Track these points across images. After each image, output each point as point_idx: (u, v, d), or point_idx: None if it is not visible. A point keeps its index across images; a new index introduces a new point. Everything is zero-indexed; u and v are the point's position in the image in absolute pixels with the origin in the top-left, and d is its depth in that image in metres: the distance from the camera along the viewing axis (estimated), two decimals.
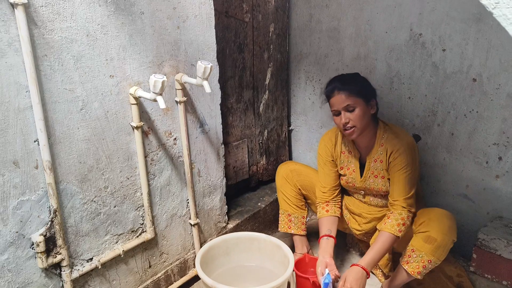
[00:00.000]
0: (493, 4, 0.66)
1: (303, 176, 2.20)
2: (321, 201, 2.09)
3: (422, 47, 2.07)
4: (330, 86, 1.87)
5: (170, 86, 1.78)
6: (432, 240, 1.74)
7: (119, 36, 1.55)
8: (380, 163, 1.92)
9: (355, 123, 1.81)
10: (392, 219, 1.83)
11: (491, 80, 1.90)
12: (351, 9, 2.28)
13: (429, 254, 1.75)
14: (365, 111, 1.82)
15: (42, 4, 1.32)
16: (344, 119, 1.82)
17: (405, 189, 1.83)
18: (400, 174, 1.84)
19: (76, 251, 1.60)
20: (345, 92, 1.80)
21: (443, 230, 1.75)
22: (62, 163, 1.48)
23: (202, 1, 1.82)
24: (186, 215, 2.01)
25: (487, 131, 1.97)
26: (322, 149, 2.09)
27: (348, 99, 1.80)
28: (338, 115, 1.85)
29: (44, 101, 1.38)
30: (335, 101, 1.83)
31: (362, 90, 1.83)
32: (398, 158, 1.84)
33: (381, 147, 1.90)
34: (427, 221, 1.79)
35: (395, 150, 1.85)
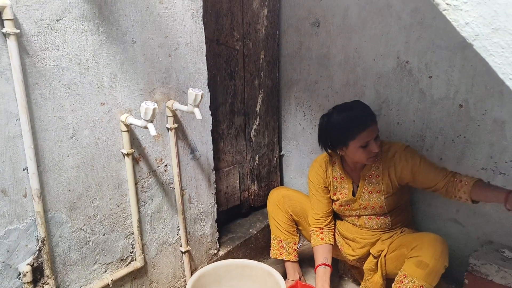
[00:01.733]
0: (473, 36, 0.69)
1: (295, 202, 2.19)
2: (315, 228, 2.07)
3: (409, 74, 2.11)
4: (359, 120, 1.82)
5: (161, 113, 1.79)
6: (424, 265, 1.73)
7: (110, 65, 1.57)
8: (376, 178, 1.93)
9: (379, 149, 1.85)
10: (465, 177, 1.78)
11: (477, 106, 1.94)
12: (339, 38, 2.34)
13: (421, 280, 1.73)
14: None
15: (34, 33, 1.34)
16: (376, 148, 1.82)
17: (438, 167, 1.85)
18: (422, 163, 1.85)
19: (63, 281, 1.57)
20: (375, 123, 1.83)
21: (435, 255, 1.74)
22: (51, 191, 1.47)
23: (193, 29, 1.85)
24: (177, 242, 1.99)
25: (475, 156, 1.99)
26: (314, 177, 2.08)
27: (376, 128, 1.83)
28: (366, 147, 1.82)
29: (34, 129, 1.38)
30: (369, 132, 1.81)
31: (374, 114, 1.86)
32: (409, 159, 1.86)
33: (375, 163, 1.92)
34: (419, 245, 1.78)
35: (401, 157, 1.88)
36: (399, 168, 1.89)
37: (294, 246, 2.19)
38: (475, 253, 1.91)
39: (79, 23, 1.45)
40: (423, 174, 1.86)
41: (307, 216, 2.14)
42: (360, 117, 1.82)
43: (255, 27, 2.40)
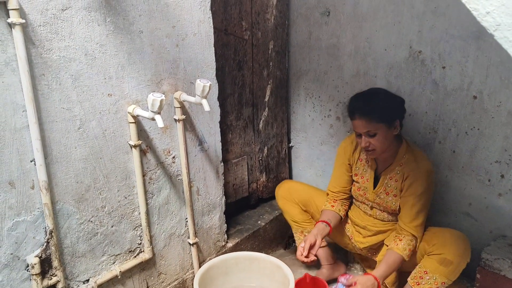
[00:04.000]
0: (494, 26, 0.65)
1: (300, 192, 2.20)
2: (329, 199, 2.09)
3: (421, 64, 2.06)
4: (351, 107, 1.84)
5: (169, 104, 1.77)
6: (448, 263, 1.73)
7: (117, 55, 1.54)
8: (395, 182, 1.89)
9: (375, 147, 1.81)
10: (404, 242, 1.81)
11: (491, 97, 1.89)
12: (350, 27, 2.29)
13: (443, 277, 1.74)
14: (386, 135, 1.79)
15: (40, 23, 1.32)
16: (364, 143, 1.81)
17: (418, 217, 1.81)
18: (414, 200, 1.81)
19: (72, 273, 1.57)
20: (366, 118, 1.76)
21: (459, 253, 1.74)
22: (58, 183, 1.46)
23: (201, 19, 1.82)
24: (185, 234, 1.99)
25: (488, 149, 1.95)
26: (341, 151, 2.08)
27: (369, 125, 1.77)
28: (359, 136, 1.83)
29: (41, 121, 1.37)
30: (356, 124, 1.81)
31: (384, 115, 1.77)
32: (414, 183, 1.81)
33: (399, 167, 1.88)
34: (441, 242, 1.77)
35: (412, 174, 1.82)
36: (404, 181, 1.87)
37: None
38: (488, 248, 1.88)
39: (85, 13, 1.42)
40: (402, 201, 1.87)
41: (318, 204, 2.15)
42: (353, 105, 1.82)
43: (264, 17, 2.35)
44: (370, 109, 1.77)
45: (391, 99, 1.86)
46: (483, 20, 0.66)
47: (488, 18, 0.64)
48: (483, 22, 0.66)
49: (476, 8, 0.65)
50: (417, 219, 1.81)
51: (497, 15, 0.64)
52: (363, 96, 1.85)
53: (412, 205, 1.81)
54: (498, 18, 0.64)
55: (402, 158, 1.87)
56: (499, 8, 0.63)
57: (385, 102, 1.82)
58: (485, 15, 0.64)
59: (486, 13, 0.65)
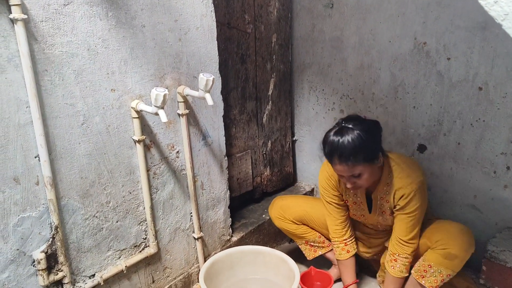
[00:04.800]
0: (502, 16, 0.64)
1: (294, 208, 2.13)
2: (338, 240, 1.99)
3: (426, 56, 2.04)
4: (328, 152, 1.67)
5: (172, 99, 1.76)
6: (453, 257, 1.72)
7: (120, 50, 1.54)
8: (386, 203, 1.83)
9: (362, 185, 1.72)
10: (399, 263, 1.81)
11: (497, 88, 1.87)
12: (353, 19, 2.27)
13: (448, 269, 1.74)
14: (372, 172, 1.70)
15: (42, 19, 1.31)
16: (349, 185, 1.71)
17: (413, 230, 1.78)
18: (410, 217, 1.76)
19: (78, 268, 1.57)
20: (349, 163, 1.63)
21: (464, 247, 1.73)
22: (63, 178, 1.46)
23: (203, 13, 1.81)
24: (190, 229, 1.99)
25: (494, 141, 1.93)
26: (326, 185, 1.94)
27: (353, 170, 1.65)
28: (342, 177, 1.73)
29: (44, 117, 1.37)
30: (338, 169, 1.68)
31: (367, 154, 1.64)
32: (409, 203, 1.75)
33: (386, 186, 1.79)
34: (446, 237, 1.75)
35: (406, 194, 1.73)
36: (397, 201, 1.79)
37: (320, 238, 2.16)
38: (493, 240, 1.87)
39: (87, 8, 1.41)
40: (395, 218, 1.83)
41: (314, 217, 2.09)
42: (332, 151, 1.65)
43: (266, 10, 2.34)
44: (350, 153, 1.61)
45: (368, 131, 1.65)
46: (491, 9, 0.65)
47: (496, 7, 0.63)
48: (491, 12, 0.65)
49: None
50: (412, 232, 1.78)
51: (505, 4, 0.62)
52: (339, 136, 1.63)
53: (407, 222, 1.77)
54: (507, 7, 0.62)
55: (388, 178, 1.78)
56: None
57: (364, 138, 1.62)
58: (493, 4, 0.63)
59: (494, 3, 0.63)
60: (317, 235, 2.14)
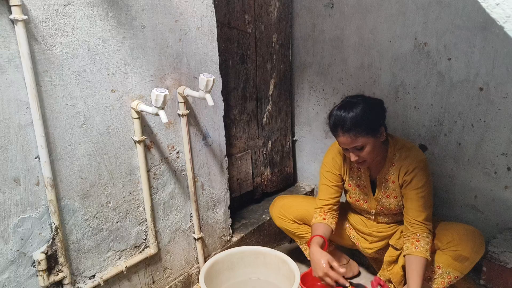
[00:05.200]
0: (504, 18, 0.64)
1: (294, 207, 2.12)
2: (319, 211, 1.97)
3: (427, 56, 2.04)
4: (332, 124, 1.74)
5: (173, 99, 1.76)
6: (463, 259, 1.72)
7: (120, 50, 1.54)
8: (392, 183, 1.83)
9: (365, 158, 1.73)
10: (422, 242, 1.74)
11: (498, 89, 1.87)
12: (354, 18, 2.27)
13: (456, 271, 1.74)
14: (374, 145, 1.72)
15: (42, 19, 1.31)
16: (353, 158, 1.73)
17: (425, 209, 1.76)
18: (418, 193, 1.76)
19: (78, 268, 1.57)
20: (351, 134, 1.67)
21: (475, 249, 1.73)
22: (63, 179, 1.46)
23: (204, 13, 1.80)
24: (190, 229, 1.99)
25: (495, 141, 1.93)
26: (329, 162, 1.96)
27: (355, 141, 1.68)
28: (347, 150, 1.75)
29: (45, 117, 1.36)
30: (341, 141, 1.73)
31: (369, 126, 1.69)
32: (414, 178, 1.76)
33: (392, 167, 1.81)
34: (456, 240, 1.75)
35: (411, 169, 1.76)
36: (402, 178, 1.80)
37: None
38: (494, 240, 1.87)
39: (87, 8, 1.41)
40: (405, 198, 1.81)
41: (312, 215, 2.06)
42: (334, 122, 1.72)
43: (267, 10, 2.34)
44: (353, 123, 1.66)
45: (372, 106, 1.73)
46: (492, 11, 0.64)
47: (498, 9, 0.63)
48: (493, 14, 0.65)
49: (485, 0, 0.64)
50: (425, 211, 1.76)
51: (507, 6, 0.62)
52: (343, 109, 1.71)
53: (417, 199, 1.76)
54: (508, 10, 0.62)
55: (393, 158, 1.81)
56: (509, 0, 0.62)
57: (367, 111, 1.69)
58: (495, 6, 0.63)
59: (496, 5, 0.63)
60: None
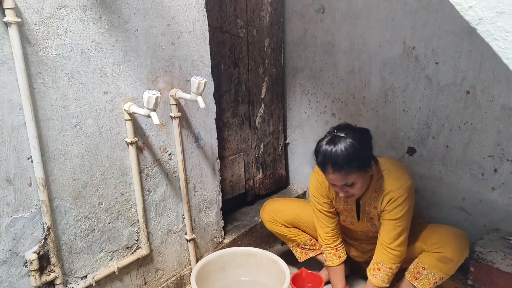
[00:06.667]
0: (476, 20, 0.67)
1: (285, 211, 2.13)
2: (329, 246, 1.97)
3: (415, 60, 2.08)
4: (321, 161, 1.65)
5: (165, 101, 1.79)
6: (448, 260, 1.74)
7: (113, 53, 1.56)
8: (374, 209, 1.82)
9: (354, 193, 1.71)
10: (382, 273, 1.79)
11: (484, 92, 1.91)
12: (344, 24, 2.31)
13: (441, 272, 1.76)
14: (365, 180, 1.69)
15: (36, 22, 1.33)
16: (343, 194, 1.70)
17: (399, 237, 1.75)
18: (395, 223, 1.75)
19: (70, 269, 1.58)
20: (342, 172, 1.61)
21: (459, 250, 1.75)
22: (56, 180, 1.48)
23: (196, 17, 1.83)
24: (182, 231, 2.00)
25: (481, 143, 1.97)
26: (316, 191, 1.93)
27: (347, 178, 1.63)
28: (335, 186, 1.70)
29: (37, 119, 1.38)
30: (331, 178, 1.66)
31: (361, 162, 1.63)
32: (395, 209, 1.73)
33: (375, 193, 1.78)
34: (441, 242, 1.77)
35: (393, 199, 1.72)
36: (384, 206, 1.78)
37: (311, 241, 2.17)
38: (481, 241, 1.90)
39: (80, 12, 1.44)
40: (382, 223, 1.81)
41: (305, 220, 2.10)
42: (325, 160, 1.63)
43: (259, 14, 2.37)
44: (345, 161, 1.59)
45: (361, 139, 1.64)
46: (466, 14, 0.68)
47: (471, 12, 0.66)
48: (466, 16, 0.68)
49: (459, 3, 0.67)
50: (398, 239, 1.75)
51: (479, 9, 0.65)
52: (332, 145, 1.62)
53: (393, 228, 1.75)
54: (480, 12, 0.65)
55: (376, 184, 1.76)
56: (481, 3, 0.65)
57: (357, 146, 1.60)
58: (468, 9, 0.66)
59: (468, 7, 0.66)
60: (308, 238, 2.15)
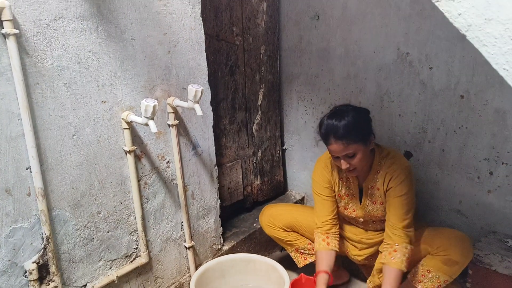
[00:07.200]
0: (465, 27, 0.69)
1: (284, 216, 2.15)
2: (321, 231, 1.97)
3: (409, 66, 2.10)
4: (324, 132, 1.75)
5: (162, 109, 1.80)
6: (453, 263, 1.76)
7: (110, 63, 1.57)
8: (377, 190, 1.87)
9: (356, 166, 1.76)
10: (399, 253, 1.76)
11: (478, 96, 1.93)
12: (339, 30, 2.33)
13: (446, 275, 1.77)
14: (365, 153, 1.76)
15: (33, 33, 1.35)
16: (344, 165, 1.75)
17: (407, 216, 1.78)
18: (401, 200, 1.78)
19: (69, 278, 1.59)
20: (343, 142, 1.70)
21: (464, 253, 1.77)
22: (54, 189, 1.48)
23: (192, 25, 1.85)
24: (181, 238, 2.01)
25: (477, 147, 1.99)
26: (318, 176, 1.99)
27: (347, 148, 1.71)
28: (337, 159, 1.77)
29: (36, 129, 1.39)
30: (332, 149, 1.74)
31: (361, 134, 1.72)
32: (398, 185, 1.79)
33: (377, 174, 1.85)
34: (446, 244, 1.78)
35: (395, 176, 1.79)
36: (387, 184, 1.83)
37: (310, 246, 2.16)
38: (479, 244, 1.91)
39: (78, 22, 1.45)
40: (388, 204, 1.84)
41: (304, 224, 2.11)
42: (326, 129, 1.74)
43: (254, 22, 2.39)
44: (345, 131, 1.69)
45: (361, 115, 1.78)
46: (455, 21, 0.69)
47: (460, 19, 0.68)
48: (456, 23, 0.70)
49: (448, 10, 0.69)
50: (406, 218, 1.79)
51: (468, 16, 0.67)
52: (334, 118, 1.74)
53: (400, 206, 1.79)
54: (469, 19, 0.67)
55: (378, 165, 1.84)
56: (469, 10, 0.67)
57: (357, 119, 1.73)
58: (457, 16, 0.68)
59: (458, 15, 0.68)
60: (307, 242, 2.16)
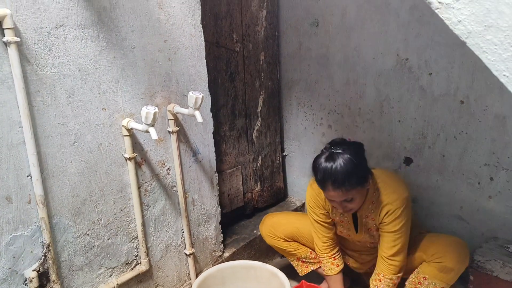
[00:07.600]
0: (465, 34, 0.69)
1: (285, 225, 2.13)
2: (327, 255, 1.99)
3: (409, 72, 2.11)
4: (321, 179, 1.64)
5: (163, 116, 1.80)
6: (449, 270, 1.75)
7: (111, 70, 1.58)
8: (371, 220, 1.82)
9: (353, 207, 1.72)
10: (383, 284, 1.79)
11: (478, 101, 1.94)
12: (338, 37, 2.34)
13: (442, 282, 1.77)
14: (362, 194, 1.71)
15: (34, 41, 1.35)
16: (342, 209, 1.72)
17: (399, 249, 1.76)
18: (394, 236, 1.75)
19: (70, 286, 1.58)
20: (343, 189, 1.61)
21: (459, 259, 1.76)
22: (55, 197, 1.48)
23: (192, 33, 1.86)
24: (181, 245, 2.00)
25: (477, 152, 1.99)
26: (313, 203, 1.93)
27: (347, 194, 1.64)
28: (334, 202, 1.71)
29: (37, 136, 1.39)
30: (331, 195, 1.66)
31: (360, 177, 1.64)
32: (394, 220, 1.73)
33: (372, 205, 1.78)
34: (441, 251, 1.78)
35: (391, 211, 1.73)
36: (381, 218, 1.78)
37: (311, 254, 2.16)
38: (480, 250, 1.91)
39: (78, 30, 1.46)
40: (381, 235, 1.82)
41: (305, 233, 2.09)
42: (325, 177, 1.62)
43: (254, 29, 2.40)
44: (344, 178, 1.59)
45: (359, 154, 1.66)
46: (455, 28, 0.70)
47: (460, 26, 0.68)
48: (456, 31, 0.70)
49: (448, 18, 0.69)
50: (397, 250, 1.76)
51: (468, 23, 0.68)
52: (331, 161, 1.61)
53: (392, 240, 1.76)
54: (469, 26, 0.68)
55: (373, 196, 1.77)
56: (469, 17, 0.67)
57: (356, 161, 1.61)
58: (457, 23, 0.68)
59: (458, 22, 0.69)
60: (309, 251, 2.14)
